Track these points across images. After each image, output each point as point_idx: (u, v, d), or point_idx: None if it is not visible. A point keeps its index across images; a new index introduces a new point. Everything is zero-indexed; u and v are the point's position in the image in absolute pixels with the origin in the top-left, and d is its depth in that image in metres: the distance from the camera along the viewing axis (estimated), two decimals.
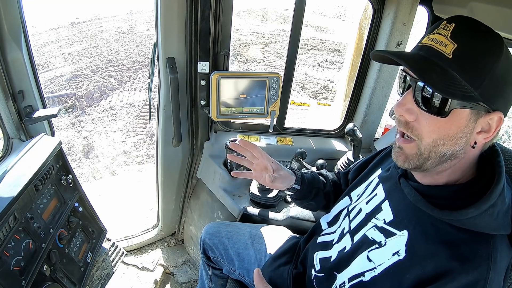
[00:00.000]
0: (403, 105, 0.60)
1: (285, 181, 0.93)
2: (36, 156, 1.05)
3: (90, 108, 5.04)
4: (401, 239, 0.65)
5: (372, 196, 0.79)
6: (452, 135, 0.58)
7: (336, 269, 0.77)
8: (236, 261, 1.13)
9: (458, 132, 0.57)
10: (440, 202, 0.62)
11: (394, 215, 0.70)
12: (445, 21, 0.57)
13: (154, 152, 2.54)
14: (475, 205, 0.56)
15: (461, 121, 0.57)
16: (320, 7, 12.92)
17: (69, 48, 7.56)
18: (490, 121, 0.57)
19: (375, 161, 0.91)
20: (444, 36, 0.56)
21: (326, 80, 6.59)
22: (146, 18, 9.97)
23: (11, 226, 0.87)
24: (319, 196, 1.01)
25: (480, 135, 0.58)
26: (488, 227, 0.58)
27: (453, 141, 0.58)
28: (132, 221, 2.05)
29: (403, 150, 0.64)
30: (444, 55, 0.55)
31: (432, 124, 0.58)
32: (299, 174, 0.97)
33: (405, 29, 1.38)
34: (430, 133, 0.59)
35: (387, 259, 0.66)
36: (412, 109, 0.60)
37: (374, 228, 0.72)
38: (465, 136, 0.58)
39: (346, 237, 0.80)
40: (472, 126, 0.57)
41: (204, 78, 1.32)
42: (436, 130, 0.58)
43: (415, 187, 0.67)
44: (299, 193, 0.97)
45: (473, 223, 0.57)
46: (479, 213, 0.56)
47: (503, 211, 0.58)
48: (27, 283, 0.89)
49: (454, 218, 0.58)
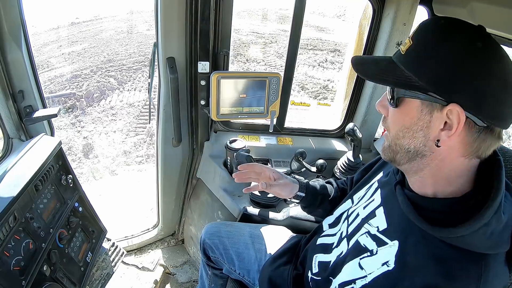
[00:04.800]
0: (380, 102, 0.67)
1: (284, 189, 1.01)
2: (36, 156, 1.05)
3: (90, 108, 5.03)
4: (392, 249, 0.63)
5: (370, 201, 0.78)
6: (407, 126, 0.59)
7: (332, 274, 0.76)
8: (236, 261, 1.13)
9: (412, 123, 0.58)
10: (433, 216, 0.59)
11: (388, 223, 0.68)
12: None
13: (154, 152, 2.54)
14: (467, 223, 0.53)
15: (413, 112, 0.58)
16: (320, 7, 12.91)
17: (69, 48, 7.55)
18: (450, 116, 0.54)
19: (379, 163, 0.90)
20: (408, 38, 0.59)
21: (326, 80, 6.58)
22: (146, 18, 9.95)
23: (11, 226, 0.87)
24: (325, 203, 1.03)
25: (443, 132, 0.55)
26: (481, 247, 0.55)
27: (410, 134, 0.59)
28: (132, 221, 2.05)
29: (384, 141, 0.69)
30: (400, 52, 0.60)
31: (393, 115, 0.63)
32: (303, 182, 1.02)
33: (405, 29, 1.38)
34: (392, 125, 0.64)
35: (376, 268, 0.64)
36: (385, 105, 0.65)
37: (367, 234, 0.71)
38: (421, 130, 0.57)
39: (344, 242, 0.79)
40: (427, 119, 0.56)
41: (204, 78, 1.32)
42: (396, 121, 0.62)
43: (409, 196, 0.65)
44: (305, 200, 1.02)
45: (464, 242, 0.54)
46: (471, 232, 0.53)
47: (498, 230, 0.55)
48: (27, 283, 0.89)
49: (444, 235, 0.56)
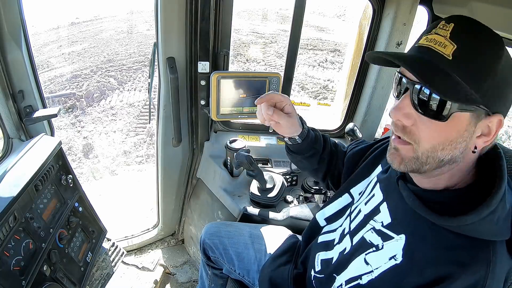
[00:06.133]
0: (400, 110, 0.58)
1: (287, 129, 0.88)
2: (36, 156, 1.05)
3: (90, 108, 5.03)
4: (398, 243, 0.64)
5: (371, 197, 0.78)
6: (451, 140, 0.56)
7: (336, 271, 0.76)
8: (236, 261, 1.13)
9: (458, 136, 0.56)
10: (439, 207, 0.60)
11: (392, 217, 0.69)
12: (444, 20, 0.55)
13: (154, 152, 2.54)
14: (475, 211, 0.54)
15: (461, 125, 0.55)
16: (320, 7, 12.91)
17: (69, 48, 7.55)
18: (490, 124, 0.55)
19: (375, 154, 0.88)
20: (443, 37, 0.53)
21: (326, 80, 6.58)
22: (146, 18, 9.96)
23: (11, 226, 0.87)
24: (314, 158, 0.97)
25: (480, 139, 0.57)
26: (488, 233, 0.56)
27: (453, 146, 0.56)
28: (132, 221, 2.05)
29: (399, 151, 0.61)
30: (444, 57, 0.53)
31: (431, 129, 0.56)
32: (306, 128, 0.92)
33: (405, 29, 1.38)
34: (429, 139, 0.57)
35: (383, 262, 0.64)
36: (410, 114, 0.57)
37: (372, 230, 0.71)
38: (465, 141, 0.56)
39: (347, 238, 0.79)
40: (472, 130, 0.55)
41: (204, 78, 1.32)
42: (436, 136, 0.56)
43: (413, 190, 0.64)
44: (298, 146, 0.93)
45: (472, 229, 0.56)
46: (479, 220, 0.54)
47: (503, 217, 0.57)
48: (27, 283, 0.89)
49: (453, 224, 0.57)
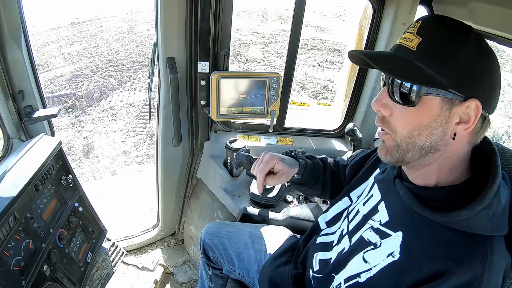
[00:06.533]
0: (378, 100, 0.63)
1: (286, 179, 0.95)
2: (36, 156, 1.05)
3: (90, 108, 5.03)
4: (396, 240, 0.65)
5: (369, 197, 0.79)
6: (425, 125, 0.58)
7: (334, 270, 0.77)
8: (236, 261, 1.13)
9: (431, 121, 0.58)
10: (435, 204, 0.61)
11: (390, 216, 0.70)
12: (415, 21, 0.61)
13: (154, 152, 2.54)
14: (469, 206, 0.56)
15: (433, 109, 0.57)
16: (320, 7, 12.91)
17: (69, 48, 7.56)
18: (467, 110, 0.56)
19: (374, 159, 0.90)
20: (411, 33, 0.59)
21: (326, 80, 6.58)
22: (146, 18, 9.96)
23: (11, 226, 0.87)
24: (318, 185, 1.03)
25: (460, 126, 0.57)
26: (483, 229, 0.57)
27: (428, 131, 0.58)
28: (132, 221, 2.05)
29: (384, 143, 0.66)
30: (409, 49, 0.58)
31: (405, 115, 0.60)
32: (302, 163, 0.98)
33: (405, 29, 1.38)
34: (403, 125, 0.60)
35: (382, 260, 0.65)
36: (387, 104, 0.62)
37: (370, 229, 0.72)
38: (441, 126, 0.58)
39: (345, 239, 0.80)
40: (446, 115, 0.57)
41: (204, 78, 1.32)
42: (409, 121, 0.59)
43: (409, 188, 0.66)
44: (300, 180, 1.00)
45: (467, 225, 0.57)
46: (473, 215, 0.56)
47: (499, 212, 0.58)
48: (27, 283, 0.89)
49: (448, 220, 0.58)
